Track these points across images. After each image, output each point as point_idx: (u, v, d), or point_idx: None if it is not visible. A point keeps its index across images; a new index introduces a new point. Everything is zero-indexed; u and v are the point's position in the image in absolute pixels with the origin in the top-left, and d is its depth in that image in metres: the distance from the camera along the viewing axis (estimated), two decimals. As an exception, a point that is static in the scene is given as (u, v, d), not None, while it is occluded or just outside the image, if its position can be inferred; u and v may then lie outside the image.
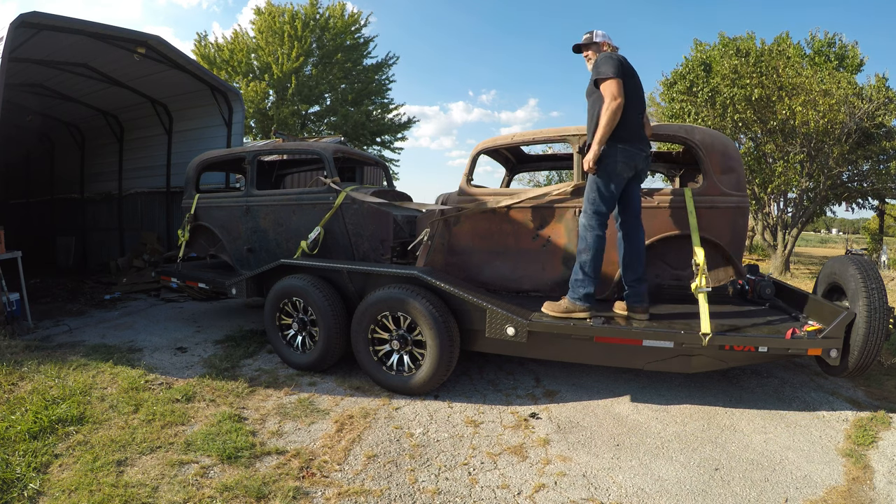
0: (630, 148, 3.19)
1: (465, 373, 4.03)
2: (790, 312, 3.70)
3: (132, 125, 9.34)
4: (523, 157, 5.34)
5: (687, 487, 2.52)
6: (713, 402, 3.55)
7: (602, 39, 3.46)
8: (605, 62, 3.18)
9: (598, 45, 3.46)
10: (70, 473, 2.52)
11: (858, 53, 13.68)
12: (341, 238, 4.61)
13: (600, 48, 3.45)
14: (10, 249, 5.31)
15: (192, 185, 5.68)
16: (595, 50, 3.47)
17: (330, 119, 21.28)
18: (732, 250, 3.57)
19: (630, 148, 3.19)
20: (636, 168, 3.27)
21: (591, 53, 3.48)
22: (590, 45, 3.48)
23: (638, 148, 3.24)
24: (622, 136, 3.17)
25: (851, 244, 22.95)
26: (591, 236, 3.26)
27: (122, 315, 6.03)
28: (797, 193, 11.61)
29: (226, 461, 2.67)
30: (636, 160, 3.24)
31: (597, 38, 3.47)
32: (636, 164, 3.25)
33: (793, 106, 10.06)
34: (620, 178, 3.23)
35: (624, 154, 3.18)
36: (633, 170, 3.26)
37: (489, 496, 2.44)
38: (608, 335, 3.20)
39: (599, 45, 3.46)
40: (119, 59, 7.10)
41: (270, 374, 4.00)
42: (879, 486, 2.55)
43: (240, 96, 8.27)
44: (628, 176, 3.26)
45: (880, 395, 3.71)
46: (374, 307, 3.64)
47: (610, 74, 3.11)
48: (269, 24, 20.10)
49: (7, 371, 3.81)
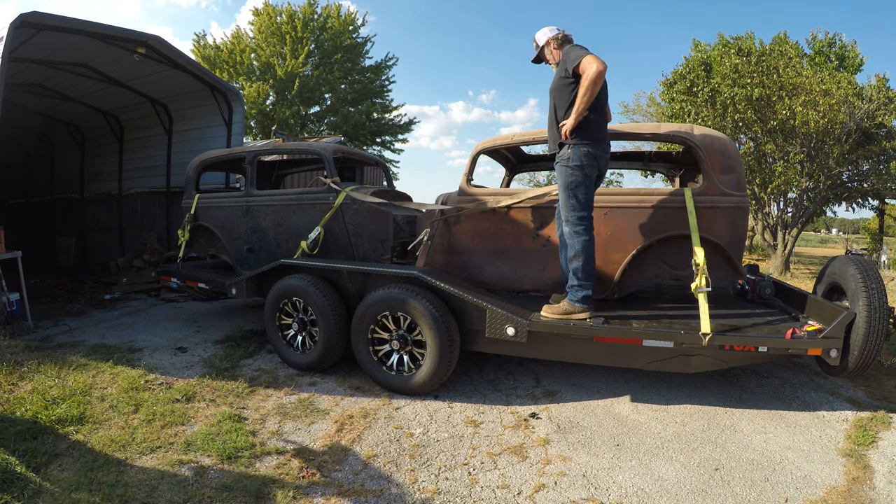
0: (595, 150, 3.22)
1: (465, 373, 4.03)
2: (790, 312, 3.70)
3: (132, 125, 9.33)
4: (523, 157, 5.34)
5: (687, 487, 2.52)
6: (713, 402, 3.55)
7: (546, 38, 3.40)
8: (576, 49, 3.17)
9: (546, 46, 3.42)
10: (70, 473, 2.52)
11: (858, 53, 13.69)
12: (341, 238, 4.61)
13: (550, 49, 3.41)
14: (10, 249, 5.31)
15: (192, 185, 5.68)
16: (549, 53, 3.43)
17: (330, 119, 21.28)
18: (732, 250, 3.58)
19: (595, 150, 3.22)
20: (599, 169, 3.32)
21: (547, 58, 3.45)
22: (542, 53, 3.46)
23: (602, 150, 3.29)
24: (588, 138, 3.18)
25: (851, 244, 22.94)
26: (579, 242, 3.24)
27: (122, 315, 6.03)
28: (797, 193, 11.60)
29: (226, 461, 2.67)
30: (600, 161, 3.28)
31: (541, 42, 3.43)
32: (600, 165, 3.30)
33: (793, 106, 10.06)
34: (590, 178, 3.26)
35: (589, 156, 3.20)
36: (597, 170, 3.30)
37: (489, 496, 2.44)
38: (608, 335, 3.20)
39: (548, 46, 3.41)
40: (119, 59, 7.10)
41: (270, 374, 4.00)
42: (879, 486, 2.55)
43: (240, 96, 8.27)
44: (594, 176, 3.30)
45: (880, 395, 3.71)
46: (374, 307, 3.64)
47: (584, 53, 3.08)
48: (267, 24, 20.11)
49: (7, 371, 3.81)
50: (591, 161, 3.21)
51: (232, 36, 20.77)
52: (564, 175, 3.22)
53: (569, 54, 3.19)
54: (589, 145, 3.18)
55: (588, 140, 3.18)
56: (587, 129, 3.17)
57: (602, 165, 3.33)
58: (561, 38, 3.37)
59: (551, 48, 3.40)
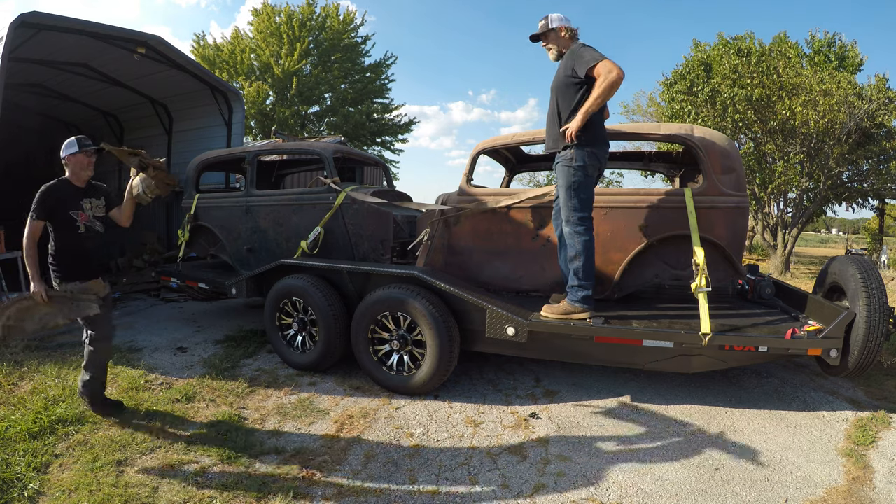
0: (597, 150, 3.23)
1: (465, 373, 4.03)
2: (790, 312, 3.70)
3: (132, 125, 9.33)
4: (523, 157, 5.34)
5: (687, 487, 2.52)
6: (713, 402, 3.55)
7: (559, 24, 3.26)
8: (589, 50, 3.08)
9: (556, 30, 3.28)
10: (70, 473, 2.52)
11: (858, 53, 13.70)
12: (341, 238, 4.61)
13: (559, 34, 3.30)
14: (10, 249, 5.30)
15: (192, 185, 5.68)
16: (554, 37, 3.31)
17: (330, 119, 21.27)
18: (732, 250, 3.57)
19: (597, 150, 3.23)
20: (600, 169, 3.33)
21: (550, 41, 3.33)
22: (548, 33, 3.33)
23: (604, 150, 3.31)
24: (591, 139, 3.17)
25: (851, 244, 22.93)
26: (580, 242, 3.23)
27: (122, 315, 6.02)
28: (797, 193, 11.61)
29: (226, 461, 2.68)
30: (601, 161, 3.30)
31: (553, 24, 3.27)
32: (601, 165, 3.31)
33: (793, 106, 10.06)
34: (591, 178, 3.26)
35: (592, 157, 3.20)
36: (598, 170, 3.31)
37: (489, 496, 2.44)
38: (608, 335, 3.20)
39: (557, 31, 3.28)
40: (119, 59, 7.10)
41: (270, 374, 4.00)
42: (879, 486, 2.55)
43: (240, 96, 8.27)
44: (595, 176, 3.31)
45: (880, 395, 3.71)
46: (374, 307, 3.64)
47: (600, 57, 3.01)
48: (266, 24, 20.11)
49: (7, 371, 3.81)
50: (594, 161, 3.21)
51: (231, 36, 20.78)
52: (567, 175, 3.21)
53: (580, 55, 3.09)
54: (592, 146, 3.18)
55: (591, 141, 3.18)
56: (591, 131, 3.15)
57: (602, 165, 3.34)
58: (573, 31, 3.30)
59: (561, 35, 3.29)
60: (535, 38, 3.41)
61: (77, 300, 2.97)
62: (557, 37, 3.30)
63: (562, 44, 3.32)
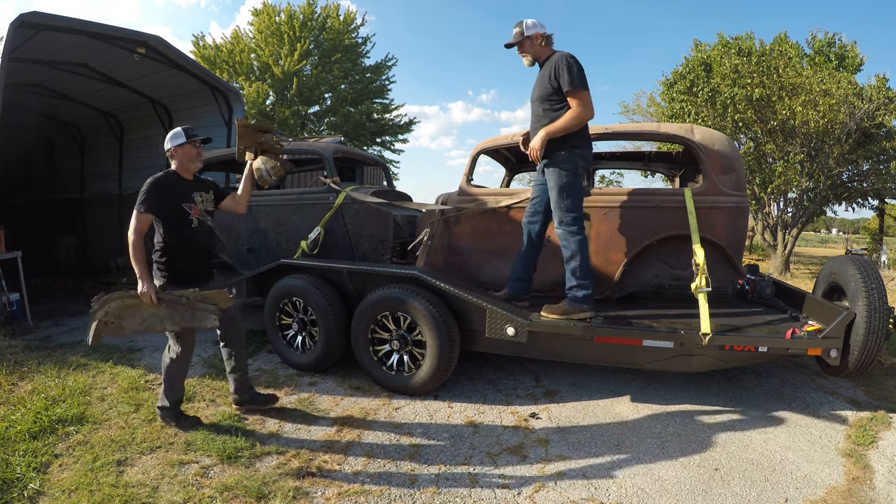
0: (584, 152, 3.31)
1: (465, 373, 4.03)
2: (790, 312, 3.70)
3: (132, 125, 9.32)
4: (523, 157, 5.33)
5: (687, 487, 2.52)
6: (713, 402, 3.55)
7: (534, 31, 3.29)
8: (577, 72, 3.12)
9: (531, 38, 3.30)
10: (70, 473, 2.52)
11: (858, 53, 13.70)
12: (341, 238, 4.61)
13: (534, 42, 3.32)
14: (10, 249, 5.30)
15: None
16: (529, 45, 3.34)
17: (330, 119, 21.27)
18: (732, 250, 3.58)
19: (584, 152, 3.31)
20: (586, 170, 3.46)
21: (525, 49, 3.36)
22: (523, 42, 3.35)
23: (590, 151, 3.42)
24: (578, 143, 3.26)
25: (851, 244, 22.92)
26: (574, 241, 3.25)
27: (122, 315, 6.02)
28: (797, 193, 11.61)
29: (226, 461, 2.67)
30: (587, 163, 3.39)
31: (528, 32, 3.29)
32: (587, 166, 3.42)
33: (793, 106, 10.06)
34: (580, 179, 3.35)
35: (582, 159, 3.31)
36: (584, 171, 3.42)
37: (489, 496, 2.44)
38: (608, 335, 3.20)
39: (533, 39, 3.31)
40: (119, 59, 7.10)
41: (270, 374, 4.00)
42: (879, 486, 2.55)
43: (240, 96, 8.27)
44: (583, 176, 3.43)
45: (880, 395, 3.71)
46: (374, 307, 3.64)
47: (583, 87, 3.11)
48: (267, 24, 20.11)
49: (7, 371, 3.81)
50: (584, 163, 3.33)
51: (231, 36, 20.78)
52: (559, 177, 3.25)
53: (569, 69, 3.11)
54: (581, 149, 3.29)
55: (581, 144, 3.28)
56: (580, 135, 3.27)
57: (588, 166, 3.49)
58: (548, 37, 3.35)
59: (537, 43, 3.33)
60: (509, 45, 3.43)
61: (193, 308, 2.72)
62: (533, 44, 3.34)
63: (537, 51, 3.35)
